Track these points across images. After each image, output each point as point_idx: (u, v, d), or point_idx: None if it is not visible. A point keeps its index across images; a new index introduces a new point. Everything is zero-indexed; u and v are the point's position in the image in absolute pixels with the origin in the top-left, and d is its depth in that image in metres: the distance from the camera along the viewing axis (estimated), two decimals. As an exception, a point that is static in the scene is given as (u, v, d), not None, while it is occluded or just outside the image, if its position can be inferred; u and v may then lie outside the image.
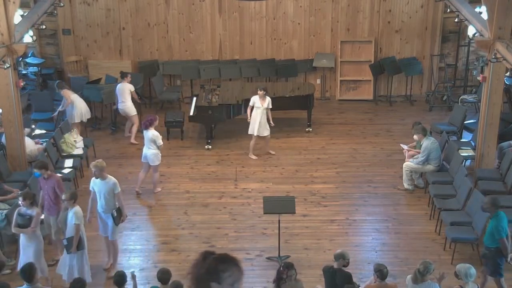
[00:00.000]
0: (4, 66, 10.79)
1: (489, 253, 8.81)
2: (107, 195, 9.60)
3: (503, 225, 8.68)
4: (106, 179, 9.62)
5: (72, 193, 9.14)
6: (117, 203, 9.68)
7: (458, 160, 11.78)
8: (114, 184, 9.60)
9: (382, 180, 12.56)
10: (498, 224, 8.66)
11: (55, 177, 10.05)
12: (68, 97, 13.75)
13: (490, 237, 8.77)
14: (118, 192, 9.65)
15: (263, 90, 13.17)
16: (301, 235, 10.80)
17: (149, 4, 16.18)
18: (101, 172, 9.57)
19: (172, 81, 16.79)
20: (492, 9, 11.02)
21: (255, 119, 13.22)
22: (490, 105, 11.62)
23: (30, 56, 15.94)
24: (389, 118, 15.57)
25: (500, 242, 8.67)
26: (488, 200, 8.83)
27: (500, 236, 8.65)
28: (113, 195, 9.62)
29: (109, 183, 9.60)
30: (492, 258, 8.77)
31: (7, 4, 10.80)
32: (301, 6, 16.25)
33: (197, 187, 12.38)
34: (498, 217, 8.74)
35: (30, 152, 12.14)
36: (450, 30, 16.41)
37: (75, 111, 13.75)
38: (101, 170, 9.56)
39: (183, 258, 10.20)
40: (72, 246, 8.99)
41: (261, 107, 13.16)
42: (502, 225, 8.67)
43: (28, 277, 7.74)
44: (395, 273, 9.49)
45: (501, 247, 8.69)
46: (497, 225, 8.66)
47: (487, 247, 8.83)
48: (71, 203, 9.01)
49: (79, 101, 13.88)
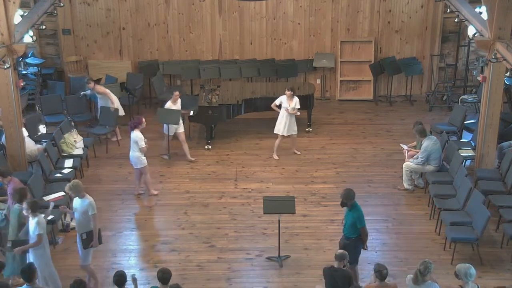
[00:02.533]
0: (4, 66, 10.78)
1: (351, 243, 9.07)
2: (80, 215, 9.08)
3: (362, 214, 9.04)
4: (83, 198, 9.11)
5: (32, 203, 8.81)
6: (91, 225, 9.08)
7: (458, 160, 11.78)
8: (88, 205, 9.03)
9: (382, 180, 12.56)
10: (359, 214, 9.00)
11: (14, 181, 9.98)
12: (104, 91, 14.02)
13: (351, 228, 9.08)
14: (93, 214, 9.03)
15: (291, 90, 13.18)
16: (301, 235, 10.80)
17: (149, 4, 16.18)
18: (76, 193, 9.08)
19: (172, 81, 16.79)
20: (492, 9, 11.02)
21: (282, 119, 13.23)
22: (490, 105, 11.63)
23: (30, 56, 15.94)
24: (389, 118, 15.57)
25: (361, 231, 9.04)
26: (344, 194, 9.08)
27: (362, 224, 9.02)
28: (87, 216, 9.04)
29: (84, 203, 9.07)
30: (354, 247, 9.07)
31: (7, 4, 10.80)
32: (301, 6, 16.26)
33: (197, 187, 12.38)
34: (356, 207, 9.07)
35: (30, 152, 12.15)
36: (450, 30, 16.41)
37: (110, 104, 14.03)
38: (76, 191, 9.07)
39: (183, 258, 10.21)
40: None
41: (289, 107, 13.17)
42: (362, 214, 9.03)
43: (28, 277, 7.74)
44: (395, 273, 9.50)
45: (362, 235, 9.07)
46: (358, 215, 8.99)
47: (349, 238, 9.11)
48: (32, 212, 8.70)
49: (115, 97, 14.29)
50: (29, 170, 11.82)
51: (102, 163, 13.37)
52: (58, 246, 10.50)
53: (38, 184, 11.01)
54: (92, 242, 9.13)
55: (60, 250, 10.37)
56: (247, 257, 10.21)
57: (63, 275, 9.52)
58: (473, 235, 9.86)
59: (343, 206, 9.21)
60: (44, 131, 13.90)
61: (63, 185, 11.31)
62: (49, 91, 15.63)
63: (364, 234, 9.10)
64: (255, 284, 9.58)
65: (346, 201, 9.10)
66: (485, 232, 10.18)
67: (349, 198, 9.04)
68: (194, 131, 14.76)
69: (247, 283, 9.65)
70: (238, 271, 9.86)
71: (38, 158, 11.76)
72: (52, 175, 11.82)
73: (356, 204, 9.09)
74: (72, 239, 10.60)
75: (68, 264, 9.89)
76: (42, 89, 15.92)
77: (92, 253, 9.31)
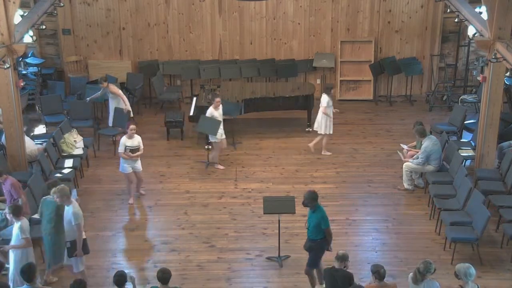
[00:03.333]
0: (4, 66, 10.78)
1: (316, 245, 9.05)
2: (66, 224, 8.94)
3: (326, 215, 8.98)
4: (69, 205, 8.91)
5: (15, 207, 8.75)
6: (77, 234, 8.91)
7: (458, 160, 11.78)
8: (73, 214, 8.81)
9: (382, 180, 12.56)
10: (323, 215, 8.94)
11: (10, 180, 9.98)
12: (117, 91, 13.97)
13: (315, 230, 9.00)
14: (77, 224, 8.83)
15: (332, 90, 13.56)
16: (301, 235, 10.76)
17: (149, 4, 16.18)
18: (62, 198, 8.85)
19: (172, 81, 16.79)
20: (492, 9, 11.02)
21: (327, 118, 13.30)
22: (490, 105, 11.63)
23: (30, 56, 15.95)
24: (389, 118, 15.57)
25: (326, 232, 8.97)
26: (307, 196, 8.99)
27: (326, 225, 8.95)
28: (71, 225, 8.86)
29: (68, 211, 8.89)
30: (318, 249, 9.05)
31: (7, 4, 10.80)
32: (301, 6, 16.26)
33: (197, 187, 12.38)
34: (319, 209, 8.99)
35: (30, 152, 12.15)
36: (450, 30, 16.41)
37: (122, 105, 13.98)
38: (62, 196, 8.83)
39: (183, 258, 10.21)
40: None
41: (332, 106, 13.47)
42: (325, 215, 8.98)
43: (28, 277, 7.74)
44: (395, 273, 9.50)
45: (327, 236, 9.01)
46: (322, 215, 8.92)
47: (314, 240, 9.05)
48: (15, 217, 8.64)
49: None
50: (29, 170, 11.82)
51: (102, 163, 13.37)
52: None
53: (38, 184, 11.00)
54: (76, 252, 8.95)
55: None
56: (247, 257, 10.20)
57: (63, 275, 9.54)
58: (473, 235, 9.86)
59: (305, 206, 9.16)
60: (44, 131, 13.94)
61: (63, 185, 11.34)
62: (49, 91, 15.63)
63: (328, 234, 9.02)
64: (255, 284, 9.58)
65: (308, 203, 8.99)
66: (485, 232, 10.18)
67: (313, 199, 8.95)
68: (194, 131, 14.74)
69: (247, 283, 9.65)
70: (238, 271, 9.86)
71: (38, 158, 11.76)
72: (52, 175, 11.81)
73: (319, 206, 9.00)
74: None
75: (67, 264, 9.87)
76: (42, 89, 15.93)
77: (83, 261, 9.14)
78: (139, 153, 11.55)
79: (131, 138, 11.42)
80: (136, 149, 11.47)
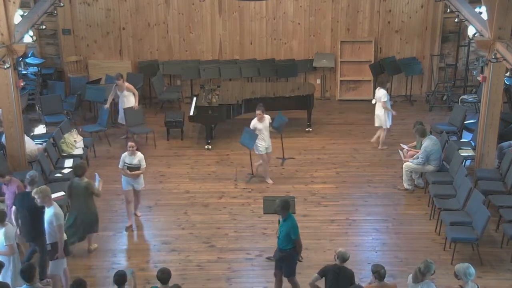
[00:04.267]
0: (4, 66, 10.79)
1: (286, 255, 8.87)
2: (47, 225, 8.79)
3: (296, 225, 8.77)
4: (50, 206, 8.80)
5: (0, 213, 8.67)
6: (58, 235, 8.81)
7: (458, 160, 11.78)
8: (53, 215, 8.71)
9: (382, 180, 12.56)
10: (293, 224, 8.73)
11: (15, 182, 9.95)
12: (132, 88, 14.08)
13: (285, 239, 8.77)
14: (58, 224, 8.73)
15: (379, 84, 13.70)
16: (301, 235, 10.73)
17: (149, 4, 16.18)
18: (43, 199, 8.72)
19: (172, 81, 16.79)
20: (492, 9, 11.02)
21: (387, 112, 13.52)
22: (490, 105, 11.63)
23: (30, 56, 15.94)
24: (389, 118, 15.56)
25: (295, 242, 8.76)
26: (279, 204, 8.74)
27: (295, 235, 8.74)
28: (52, 226, 8.75)
29: (49, 213, 8.76)
30: (289, 259, 8.90)
31: (7, 4, 10.80)
32: (301, 6, 16.26)
33: (197, 187, 12.38)
34: (291, 218, 8.78)
35: (30, 152, 12.15)
36: (450, 30, 16.41)
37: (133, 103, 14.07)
38: (44, 197, 8.71)
39: (183, 258, 10.21)
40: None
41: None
42: (295, 225, 8.76)
43: (28, 277, 7.74)
44: (395, 273, 9.51)
45: (296, 247, 8.81)
46: (292, 225, 8.71)
47: (283, 250, 8.84)
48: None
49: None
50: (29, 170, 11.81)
51: (102, 163, 13.37)
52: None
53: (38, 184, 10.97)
54: (57, 254, 8.84)
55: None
56: (247, 257, 10.21)
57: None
58: (473, 235, 9.86)
59: (276, 213, 9.13)
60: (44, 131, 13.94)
61: (63, 185, 11.34)
62: (49, 91, 15.62)
63: (298, 245, 8.84)
64: (255, 284, 9.58)
65: (279, 211, 8.78)
66: (485, 232, 10.17)
67: (283, 208, 8.75)
68: (194, 131, 14.75)
69: (247, 283, 9.65)
70: (238, 271, 9.86)
71: (38, 158, 11.76)
72: (52, 175, 11.82)
73: (290, 215, 8.80)
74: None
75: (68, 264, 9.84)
76: (42, 89, 15.92)
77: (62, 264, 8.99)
78: (138, 173, 10.84)
79: (132, 155, 10.79)
80: (136, 168, 10.79)
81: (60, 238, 8.86)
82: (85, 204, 10.00)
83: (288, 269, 9.01)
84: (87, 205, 10.02)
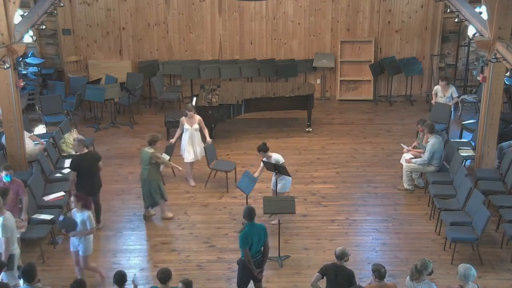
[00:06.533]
0: (4, 66, 10.78)
1: (239, 263, 8.74)
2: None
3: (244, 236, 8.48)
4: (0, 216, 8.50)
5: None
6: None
7: (458, 160, 11.78)
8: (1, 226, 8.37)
9: (382, 180, 12.56)
10: (241, 234, 8.51)
11: (17, 182, 9.94)
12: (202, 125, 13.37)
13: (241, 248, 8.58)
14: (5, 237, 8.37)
15: (445, 80, 13.68)
16: (301, 235, 10.81)
17: (149, 4, 16.18)
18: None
19: (172, 81, 16.79)
20: (492, 9, 11.02)
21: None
22: (490, 105, 11.63)
23: (30, 56, 15.94)
24: (389, 118, 15.57)
25: (244, 252, 8.53)
26: (245, 210, 8.61)
27: (240, 245, 8.54)
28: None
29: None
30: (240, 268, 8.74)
31: (7, 4, 10.80)
32: (301, 6, 16.26)
33: (197, 187, 12.37)
34: (246, 227, 8.56)
35: (30, 152, 12.15)
36: (450, 30, 16.41)
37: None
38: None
39: (183, 258, 10.21)
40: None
41: (444, 97, 13.73)
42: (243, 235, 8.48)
43: (28, 277, 7.73)
44: (395, 273, 9.51)
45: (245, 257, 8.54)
46: (241, 234, 8.50)
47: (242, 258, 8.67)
48: None
49: None
50: (29, 170, 11.81)
51: (102, 163, 13.32)
52: (58, 246, 10.49)
53: (38, 184, 11.01)
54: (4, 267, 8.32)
55: (60, 250, 10.37)
56: (247, 257, 10.20)
57: (63, 275, 9.55)
58: (473, 235, 9.86)
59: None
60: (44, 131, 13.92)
61: (63, 185, 11.35)
62: (49, 91, 15.63)
63: (245, 255, 8.50)
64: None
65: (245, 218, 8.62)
66: (485, 232, 10.17)
67: (245, 216, 8.60)
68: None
69: (247, 283, 9.64)
70: (238, 271, 9.85)
71: (38, 158, 11.76)
72: (52, 175, 11.82)
73: (247, 225, 8.56)
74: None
75: (68, 264, 9.88)
76: (42, 89, 15.92)
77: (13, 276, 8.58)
78: (84, 234, 9.11)
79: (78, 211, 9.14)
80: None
81: (5, 250, 8.42)
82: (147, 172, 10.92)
83: (237, 279, 8.83)
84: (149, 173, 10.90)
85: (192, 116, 12.17)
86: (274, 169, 10.73)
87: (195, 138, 12.23)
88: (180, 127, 12.27)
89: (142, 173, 11.05)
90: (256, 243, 8.58)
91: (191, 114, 12.15)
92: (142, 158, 11.04)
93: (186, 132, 12.19)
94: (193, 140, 12.21)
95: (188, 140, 12.18)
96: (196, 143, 12.26)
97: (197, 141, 12.27)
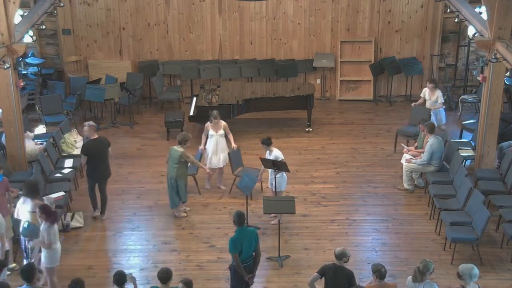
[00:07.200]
0: (4, 66, 10.78)
1: (231, 268, 8.67)
2: None
3: (233, 241, 8.42)
4: None
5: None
6: None
7: (458, 160, 11.78)
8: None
9: (382, 180, 12.56)
10: (231, 239, 8.43)
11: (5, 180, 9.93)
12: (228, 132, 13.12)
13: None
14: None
15: (432, 82, 13.90)
16: (301, 235, 10.80)
17: (149, 4, 16.18)
18: None
19: (172, 81, 16.79)
20: (492, 9, 11.02)
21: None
22: (490, 105, 11.63)
23: (30, 56, 15.93)
24: (389, 118, 15.57)
25: (234, 258, 8.45)
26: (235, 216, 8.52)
27: (229, 250, 8.47)
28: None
29: None
30: (231, 274, 8.70)
31: (7, 4, 10.80)
32: (301, 6, 16.26)
33: (199, 188, 12.35)
34: (236, 232, 8.51)
35: (30, 152, 12.15)
36: (450, 30, 16.41)
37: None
38: None
39: (183, 258, 10.21)
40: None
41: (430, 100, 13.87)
42: (232, 240, 8.42)
43: (28, 277, 7.73)
44: (395, 273, 9.51)
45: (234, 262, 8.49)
46: (231, 240, 8.43)
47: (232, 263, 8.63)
48: None
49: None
50: (29, 170, 11.81)
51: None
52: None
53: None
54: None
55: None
56: (247, 257, 10.20)
57: (63, 275, 9.53)
58: (473, 235, 9.86)
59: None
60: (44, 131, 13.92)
61: (63, 185, 11.35)
62: (49, 91, 15.63)
63: (235, 260, 8.44)
64: (255, 284, 9.52)
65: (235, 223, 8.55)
66: (485, 232, 10.17)
67: (235, 221, 8.50)
68: (194, 131, 14.74)
69: (247, 283, 9.64)
70: (238, 271, 9.85)
71: (38, 158, 11.76)
72: (52, 175, 11.82)
73: (238, 229, 8.49)
74: (72, 239, 10.64)
75: (68, 264, 9.88)
76: (42, 89, 15.92)
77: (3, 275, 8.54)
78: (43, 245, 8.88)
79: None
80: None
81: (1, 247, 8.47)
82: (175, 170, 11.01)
83: (230, 285, 8.80)
84: (177, 172, 11.00)
85: (217, 122, 12.08)
86: (273, 165, 10.73)
87: (219, 144, 12.10)
88: (205, 133, 12.20)
89: (170, 171, 11.10)
90: (246, 249, 8.50)
91: (216, 121, 12.07)
92: (170, 156, 11.08)
93: (211, 138, 12.08)
94: (217, 146, 12.07)
95: (213, 147, 12.06)
96: (220, 150, 12.10)
97: (221, 147, 12.13)
